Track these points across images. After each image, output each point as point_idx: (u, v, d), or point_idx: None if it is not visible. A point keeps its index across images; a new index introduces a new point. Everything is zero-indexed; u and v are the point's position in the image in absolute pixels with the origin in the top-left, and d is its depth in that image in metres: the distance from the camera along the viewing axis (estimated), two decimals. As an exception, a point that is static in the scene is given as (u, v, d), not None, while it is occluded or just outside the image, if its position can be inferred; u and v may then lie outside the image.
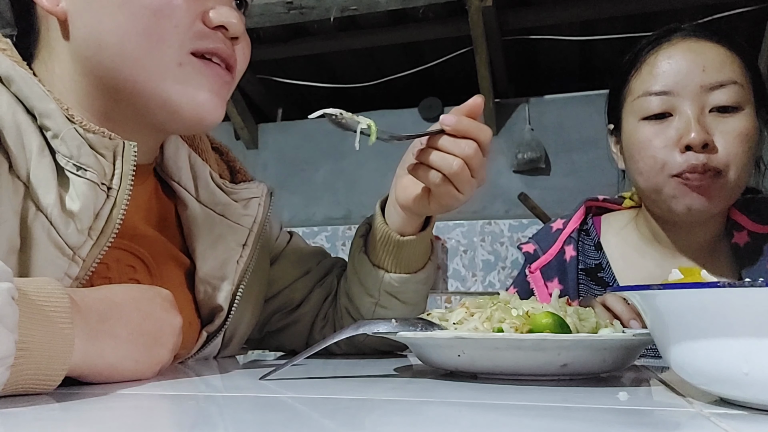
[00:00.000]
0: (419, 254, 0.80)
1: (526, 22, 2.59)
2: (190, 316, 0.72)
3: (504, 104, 2.96)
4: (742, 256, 0.94)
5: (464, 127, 0.68)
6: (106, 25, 0.62)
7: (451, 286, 2.92)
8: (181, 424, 0.37)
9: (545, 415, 0.39)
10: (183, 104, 0.64)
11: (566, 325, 0.54)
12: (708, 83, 0.88)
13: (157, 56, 0.62)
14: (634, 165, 0.94)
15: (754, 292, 0.34)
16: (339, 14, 2.49)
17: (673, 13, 2.41)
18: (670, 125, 0.89)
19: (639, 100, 0.92)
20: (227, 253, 0.74)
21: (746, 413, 0.38)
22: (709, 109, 0.88)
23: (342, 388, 0.50)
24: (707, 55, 0.90)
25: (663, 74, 0.91)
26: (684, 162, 0.87)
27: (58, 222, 0.57)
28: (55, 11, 0.63)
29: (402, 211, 0.77)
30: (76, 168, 0.58)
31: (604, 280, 1.01)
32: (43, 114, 0.59)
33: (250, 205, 0.77)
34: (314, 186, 3.15)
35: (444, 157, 0.68)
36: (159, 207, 0.74)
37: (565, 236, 1.05)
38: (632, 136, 0.94)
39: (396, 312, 0.80)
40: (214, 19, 0.64)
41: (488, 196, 2.94)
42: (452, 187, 0.69)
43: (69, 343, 0.44)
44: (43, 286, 0.44)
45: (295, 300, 0.87)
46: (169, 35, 0.62)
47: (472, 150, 0.68)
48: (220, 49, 0.65)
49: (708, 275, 0.55)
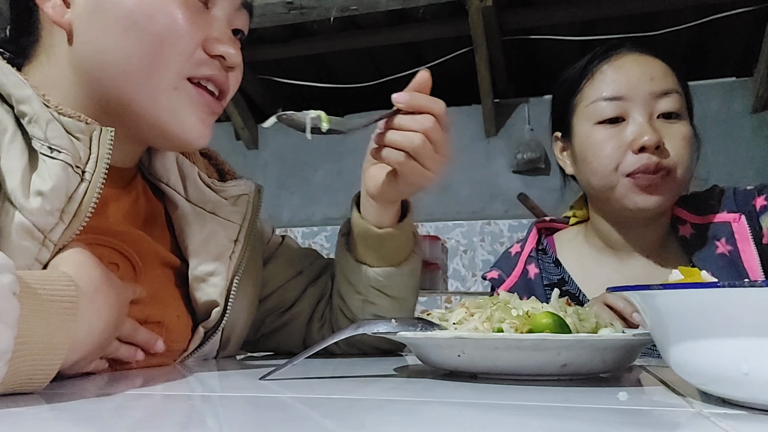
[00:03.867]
0: (401, 246, 0.80)
1: (526, 22, 2.58)
2: (178, 310, 0.72)
3: (504, 104, 2.95)
4: (691, 246, 1.02)
5: (418, 102, 0.69)
6: (110, 45, 0.63)
7: (451, 286, 2.91)
8: (180, 424, 0.37)
9: (545, 415, 0.39)
10: (171, 127, 0.66)
11: (566, 325, 0.54)
12: (656, 91, 0.97)
13: (156, 80, 0.64)
14: (588, 166, 1.00)
15: (754, 292, 0.34)
16: (339, 14, 2.49)
17: (673, 13, 2.41)
18: (624, 129, 0.97)
19: (592, 106, 1.00)
20: (219, 249, 0.74)
21: (746, 413, 0.38)
22: (657, 115, 0.97)
23: (342, 388, 0.50)
24: (653, 67, 0.99)
25: (615, 81, 0.99)
26: (637, 162, 0.95)
27: (22, 202, 0.56)
28: (60, 22, 0.64)
29: (375, 202, 0.77)
30: (49, 150, 0.58)
31: (570, 292, 1.06)
32: (20, 100, 0.59)
33: (239, 201, 0.78)
34: (314, 186, 3.15)
35: (404, 134, 0.69)
36: (147, 208, 0.75)
37: (524, 257, 1.11)
38: (586, 140, 1.00)
39: (385, 308, 0.81)
40: (214, 49, 0.66)
41: (488, 197, 2.94)
42: (417, 164, 0.70)
43: (69, 334, 0.44)
44: (48, 276, 0.45)
45: (288, 300, 0.87)
46: (170, 61, 0.64)
47: (431, 123, 0.68)
48: (216, 77, 0.68)
49: (708, 275, 0.55)
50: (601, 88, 0.99)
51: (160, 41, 0.63)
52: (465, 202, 2.95)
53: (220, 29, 0.68)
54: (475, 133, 2.96)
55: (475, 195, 2.94)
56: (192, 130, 0.67)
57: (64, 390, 0.46)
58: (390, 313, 0.81)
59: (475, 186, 2.94)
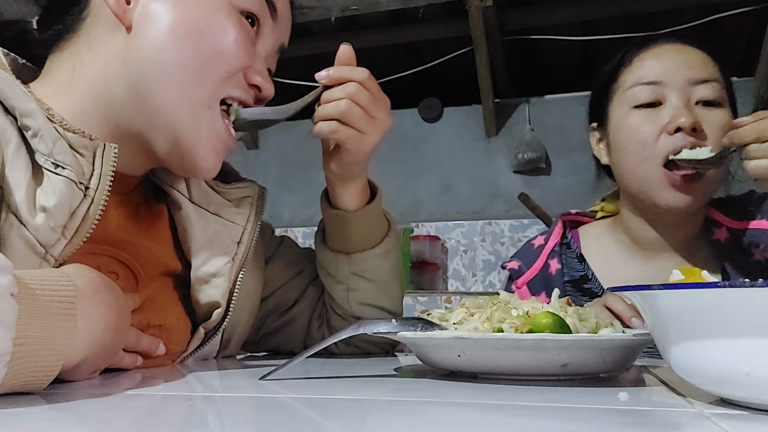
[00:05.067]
0: (372, 228, 0.81)
1: (526, 22, 2.58)
2: (178, 312, 0.73)
3: (504, 104, 2.95)
4: (724, 250, 1.00)
5: (338, 74, 0.72)
6: (168, 46, 0.65)
7: (451, 286, 2.91)
8: (180, 425, 0.37)
9: (545, 415, 0.39)
10: (188, 146, 0.68)
11: (566, 325, 0.54)
12: (694, 78, 0.95)
13: (198, 90, 0.66)
14: (622, 151, 0.98)
15: (754, 292, 0.34)
16: (340, 14, 2.49)
17: (674, 13, 2.41)
18: (660, 112, 0.95)
19: (630, 91, 0.99)
20: (223, 251, 0.74)
21: (746, 413, 0.38)
22: (695, 102, 0.95)
23: (342, 388, 0.50)
24: (692, 55, 0.98)
25: (653, 67, 0.98)
26: (671, 143, 0.93)
27: (28, 218, 0.57)
28: (122, 17, 0.66)
29: (334, 185, 0.79)
30: (54, 165, 0.59)
31: (591, 290, 1.04)
32: (24, 114, 0.59)
33: (242, 204, 0.79)
34: (314, 186, 3.11)
35: (332, 104, 0.71)
36: (149, 210, 0.75)
37: (548, 251, 1.09)
38: (621, 124, 0.99)
39: (368, 292, 0.82)
40: (254, 78, 0.70)
41: (488, 197, 2.94)
42: (353, 130, 0.72)
43: (68, 334, 0.44)
44: (47, 276, 0.45)
45: (290, 299, 0.88)
46: (218, 76, 0.67)
47: (354, 88, 0.70)
48: (246, 101, 0.71)
49: (708, 275, 0.55)
50: (638, 74, 0.98)
51: (217, 55, 0.66)
52: (465, 202, 2.95)
53: (260, 64, 0.72)
54: (476, 133, 2.96)
55: (476, 195, 2.94)
56: (205, 158, 0.69)
57: (64, 390, 0.46)
58: (374, 298, 0.83)
59: (475, 186, 2.94)
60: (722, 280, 0.52)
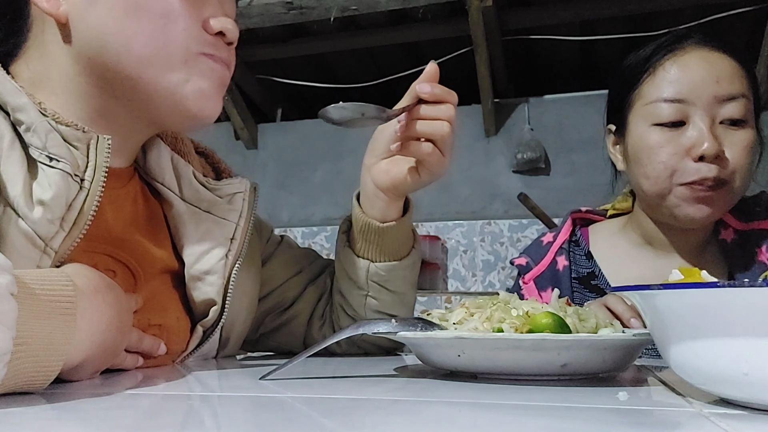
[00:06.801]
0: (401, 240, 0.82)
1: (526, 22, 2.59)
2: (177, 311, 0.73)
3: (504, 104, 2.95)
4: (730, 250, 0.99)
5: (440, 92, 0.71)
6: (112, 28, 0.63)
7: (451, 286, 2.91)
8: (181, 424, 0.37)
9: (545, 415, 0.39)
10: (187, 93, 0.66)
11: (566, 325, 0.54)
12: (721, 95, 0.90)
13: (164, 55, 0.65)
14: (641, 169, 0.95)
15: (754, 292, 0.34)
16: (339, 14, 2.49)
17: (673, 13, 2.41)
18: (683, 134, 0.91)
19: (651, 106, 0.94)
20: (216, 248, 0.74)
21: (746, 413, 0.38)
22: (720, 121, 0.91)
23: (342, 388, 0.50)
24: (720, 66, 0.92)
25: (677, 82, 0.92)
26: (695, 171, 0.89)
27: (26, 212, 0.57)
28: (57, 14, 0.64)
29: (386, 196, 0.78)
30: (48, 159, 0.59)
31: (598, 287, 1.04)
32: (16, 108, 0.60)
33: (234, 200, 0.78)
34: (313, 186, 3.14)
35: (432, 124, 0.71)
36: (145, 208, 0.75)
37: (556, 248, 1.08)
38: (641, 140, 0.95)
39: (386, 302, 0.82)
40: (214, 25, 0.68)
41: (488, 196, 2.94)
42: (440, 153, 0.72)
43: (68, 334, 0.44)
44: (47, 275, 0.45)
45: (288, 299, 0.88)
46: (176, 37, 0.65)
47: (453, 111, 0.71)
48: (222, 56, 0.69)
49: (708, 275, 0.55)
50: (661, 87, 0.93)
51: (162, 19, 0.64)
52: (465, 202, 2.95)
53: (213, 8, 0.69)
54: (475, 133, 2.96)
55: (475, 195, 2.94)
56: (208, 94, 0.67)
57: (64, 390, 0.46)
58: (390, 307, 0.83)
59: (475, 186, 2.94)
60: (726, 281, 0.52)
